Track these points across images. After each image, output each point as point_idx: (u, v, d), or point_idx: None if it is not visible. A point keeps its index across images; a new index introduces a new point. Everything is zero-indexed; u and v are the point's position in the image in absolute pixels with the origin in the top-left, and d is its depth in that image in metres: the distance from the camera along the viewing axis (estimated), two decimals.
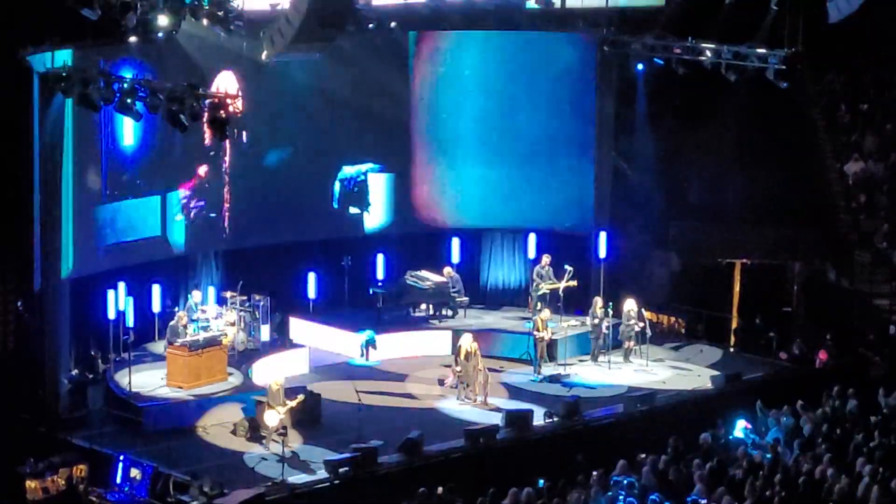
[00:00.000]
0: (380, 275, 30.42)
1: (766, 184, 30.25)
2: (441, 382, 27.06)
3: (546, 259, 29.66)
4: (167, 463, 22.67)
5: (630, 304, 28.48)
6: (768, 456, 21.45)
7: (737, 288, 30.95)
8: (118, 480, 22.70)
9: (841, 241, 30.60)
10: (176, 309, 27.02)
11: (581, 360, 28.63)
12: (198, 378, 25.57)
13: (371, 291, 30.21)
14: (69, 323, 25.85)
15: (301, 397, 24.70)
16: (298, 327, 29.40)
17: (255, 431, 24.34)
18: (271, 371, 26.40)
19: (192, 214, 28.72)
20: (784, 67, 27.07)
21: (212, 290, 28.18)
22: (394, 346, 29.00)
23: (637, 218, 30.87)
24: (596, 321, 28.54)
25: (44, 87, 24.24)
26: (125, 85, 23.14)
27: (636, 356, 28.47)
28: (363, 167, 30.88)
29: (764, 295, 30.80)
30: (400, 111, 30.76)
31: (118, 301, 26.25)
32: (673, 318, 30.83)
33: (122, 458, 22.89)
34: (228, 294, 27.75)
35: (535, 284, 29.55)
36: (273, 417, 23.95)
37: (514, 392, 27.14)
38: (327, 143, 30.20)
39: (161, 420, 24.62)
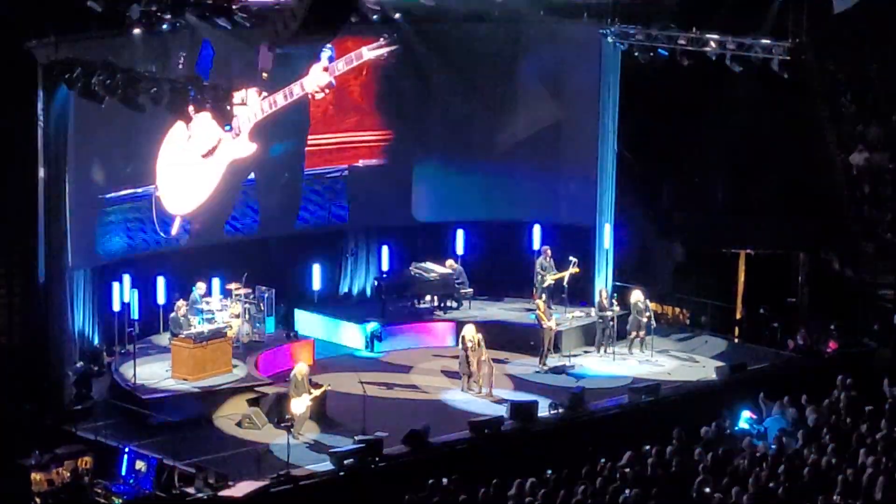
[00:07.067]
0: (384, 266, 30.42)
1: (770, 174, 30.19)
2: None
3: (547, 250, 29.65)
4: (172, 455, 22.69)
5: (637, 296, 28.50)
6: (773, 447, 21.44)
7: (741, 278, 30.88)
8: (123, 472, 22.70)
9: (846, 232, 30.53)
10: (181, 301, 27.01)
11: (586, 352, 28.67)
12: (203, 370, 25.59)
13: (375, 283, 30.22)
14: (74, 315, 25.85)
15: (326, 386, 24.71)
16: (303, 319, 29.38)
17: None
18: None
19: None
20: (788, 58, 27.01)
21: (216, 282, 28.16)
22: (398, 338, 28.99)
23: (641, 209, 30.83)
24: (601, 312, 28.57)
25: (47, 79, 24.22)
26: (129, 76, 23.12)
27: (643, 347, 28.46)
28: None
29: (768, 285, 30.73)
30: (404, 102, 30.74)
31: (123, 293, 26.26)
32: (677, 309, 30.83)
33: (127, 450, 22.90)
34: (233, 286, 27.74)
35: (539, 277, 29.52)
36: (300, 405, 23.96)
37: (519, 383, 27.13)
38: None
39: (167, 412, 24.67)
